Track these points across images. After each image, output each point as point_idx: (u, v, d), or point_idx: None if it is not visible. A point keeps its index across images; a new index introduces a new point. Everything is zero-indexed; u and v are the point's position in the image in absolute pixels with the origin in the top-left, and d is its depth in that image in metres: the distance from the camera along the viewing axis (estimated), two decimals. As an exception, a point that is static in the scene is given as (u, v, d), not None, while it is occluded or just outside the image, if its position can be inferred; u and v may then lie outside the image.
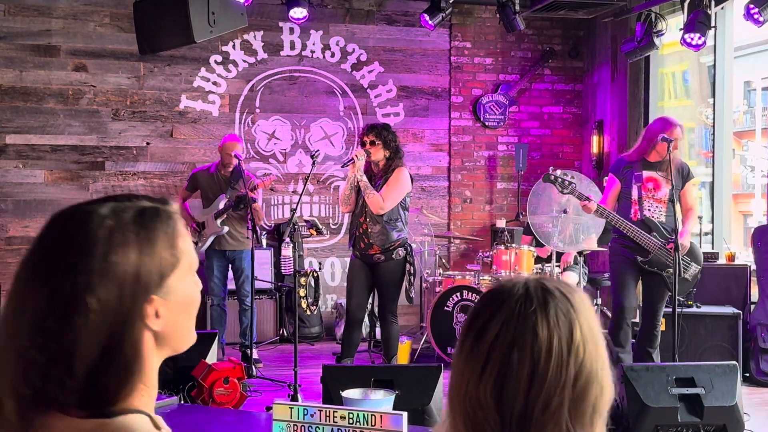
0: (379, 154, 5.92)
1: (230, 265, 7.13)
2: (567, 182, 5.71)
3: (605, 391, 1.17)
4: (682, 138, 5.74)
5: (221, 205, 6.95)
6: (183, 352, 1.27)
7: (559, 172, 5.82)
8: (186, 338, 1.28)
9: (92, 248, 1.16)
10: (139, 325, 1.18)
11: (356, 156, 5.89)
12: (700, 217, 7.56)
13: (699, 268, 5.80)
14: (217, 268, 7.07)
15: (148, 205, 1.23)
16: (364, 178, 5.85)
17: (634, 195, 5.70)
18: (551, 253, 7.05)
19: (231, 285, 7.32)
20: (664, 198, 5.69)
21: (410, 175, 6.07)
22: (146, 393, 1.20)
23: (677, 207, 5.66)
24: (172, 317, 1.22)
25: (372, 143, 5.89)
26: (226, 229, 6.98)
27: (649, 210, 5.66)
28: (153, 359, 1.21)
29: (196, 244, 7.10)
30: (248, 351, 6.86)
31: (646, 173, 5.71)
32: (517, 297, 1.19)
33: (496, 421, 1.14)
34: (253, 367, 6.51)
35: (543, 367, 1.13)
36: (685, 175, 5.79)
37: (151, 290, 1.19)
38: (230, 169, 6.99)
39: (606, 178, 7.94)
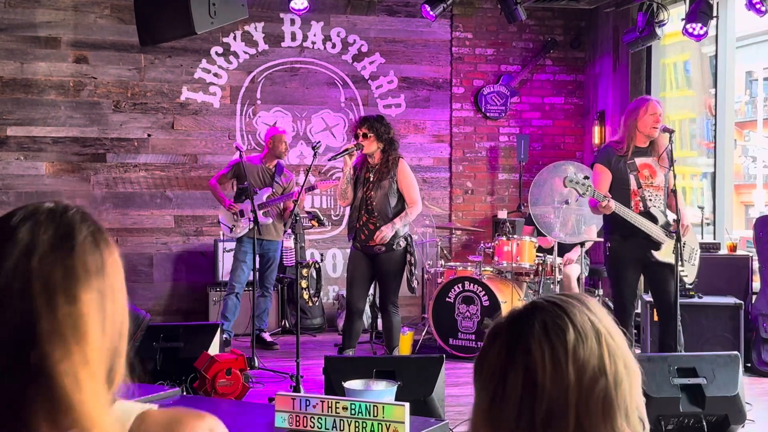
0: (372, 147, 5.94)
1: (262, 255, 7.32)
2: (582, 183, 5.33)
3: (622, 383, 1.16)
4: (662, 112, 5.48)
5: (264, 197, 7.09)
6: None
7: (571, 172, 5.55)
8: None
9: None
10: None
11: (348, 156, 5.93)
12: (701, 207, 7.55)
13: (696, 250, 5.72)
14: (250, 255, 7.11)
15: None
16: (397, 224, 5.92)
17: (633, 185, 5.46)
18: (554, 245, 7.05)
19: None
20: (661, 185, 5.49)
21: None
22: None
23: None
24: None
25: (364, 136, 5.91)
26: (270, 219, 7.16)
27: (651, 200, 5.46)
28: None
29: (231, 229, 7.19)
30: (263, 335, 7.36)
31: (639, 160, 5.46)
32: (509, 324, 1.20)
33: None
34: (271, 348, 7.29)
35: (540, 379, 1.13)
36: (670, 157, 5.53)
37: None
38: (275, 162, 7.25)
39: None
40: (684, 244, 5.48)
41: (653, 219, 5.45)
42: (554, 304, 1.19)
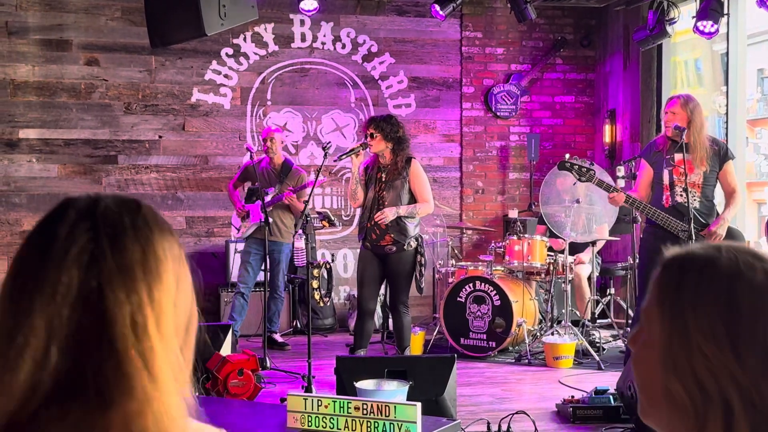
0: (380, 146, 5.93)
1: (267, 256, 7.27)
2: (585, 169, 5.41)
3: None
4: (681, 111, 5.33)
5: (268, 198, 7.09)
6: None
7: (575, 159, 5.59)
8: None
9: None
10: None
11: (354, 156, 5.94)
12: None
13: None
14: (254, 257, 7.20)
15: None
16: (401, 210, 5.88)
17: (666, 180, 5.41)
18: (565, 246, 7.03)
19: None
20: (698, 182, 5.37)
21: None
22: None
23: (714, 191, 5.44)
24: None
25: (371, 136, 5.91)
26: (270, 219, 7.12)
27: (681, 195, 5.35)
28: None
29: (238, 230, 7.30)
30: (274, 336, 7.38)
31: (678, 156, 5.35)
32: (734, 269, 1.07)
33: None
34: (283, 348, 7.33)
35: None
36: (722, 155, 5.43)
37: None
38: (281, 161, 7.27)
39: (620, 167, 7.91)
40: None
41: (680, 215, 5.35)
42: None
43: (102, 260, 1.01)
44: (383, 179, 5.98)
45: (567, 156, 5.65)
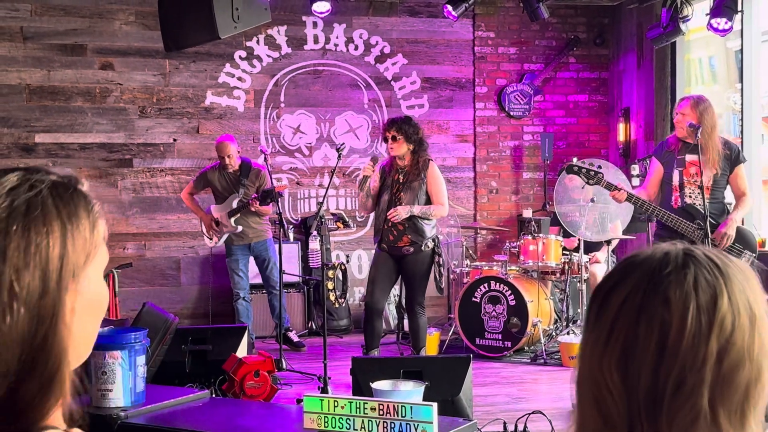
0: (402, 149, 5.93)
1: (254, 258, 7.24)
2: (593, 172, 5.38)
3: (762, 377, 0.99)
4: (691, 112, 5.30)
5: (234, 204, 7.05)
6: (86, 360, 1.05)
7: (583, 162, 5.56)
8: (90, 344, 1.05)
9: (9, 224, 0.96)
10: (62, 321, 0.97)
11: (364, 174, 5.97)
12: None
13: (753, 255, 5.35)
14: (242, 262, 7.19)
15: (60, 179, 1.03)
16: (415, 209, 5.87)
17: (675, 181, 5.39)
18: (578, 244, 7.02)
19: (253, 280, 7.41)
20: (707, 184, 5.32)
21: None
22: (61, 407, 1.00)
23: (725, 192, 5.42)
24: (83, 316, 1.01)
25: (393, 138, 5.90)
26: (240, 228, 7.09)
27: (691, 197, 5.33)
28: (69, 366, 1.00)
29: (210, 239, 7.21)
30: (289, 334, 7.30)
31: (689, 157, 5.33)
32: (654, 261, 1.02)
33: (622, 399, 0.99)
34: (298, 348, 7.29)
35: (674, 340, 0.97)
36: (734, 159, 5.40)
37: (72, 279, 0.99)
38: (237, 167, 7.10)
39: (635, 165, 7.89)
40: (730, 248, 5.34)
41: (690, 216, 5.33)
42: (713, 262, 1.02)
43: None
44: (400, 180, 5.99)
45: (575, 159, 5.61)
